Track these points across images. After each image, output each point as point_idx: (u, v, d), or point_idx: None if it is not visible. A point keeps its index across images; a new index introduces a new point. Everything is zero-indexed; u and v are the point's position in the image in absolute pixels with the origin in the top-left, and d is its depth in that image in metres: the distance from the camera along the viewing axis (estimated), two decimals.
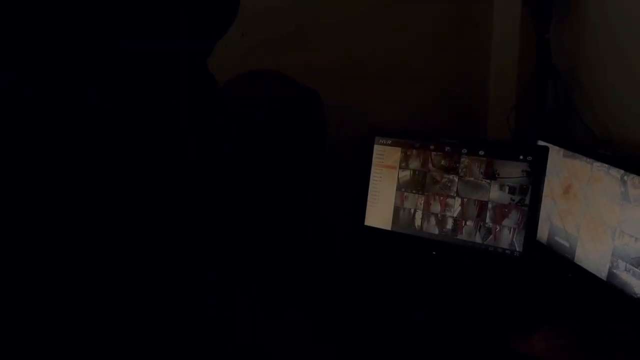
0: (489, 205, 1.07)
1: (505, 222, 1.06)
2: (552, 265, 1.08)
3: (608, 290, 0.96)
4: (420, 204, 1.13)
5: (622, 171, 0.95)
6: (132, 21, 0.52)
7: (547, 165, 1.03)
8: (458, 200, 1.10)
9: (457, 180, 1.10)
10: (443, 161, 1.11)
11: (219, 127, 0.63)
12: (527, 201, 1.04)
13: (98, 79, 0.51)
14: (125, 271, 0.54)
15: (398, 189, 1.15)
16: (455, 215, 1.10)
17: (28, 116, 0.50)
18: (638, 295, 0.90)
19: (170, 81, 0.55)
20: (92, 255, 0.52)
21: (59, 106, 0.50)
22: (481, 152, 1.08)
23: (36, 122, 0.50)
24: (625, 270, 0.93)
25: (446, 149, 1.11)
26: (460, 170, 1.10)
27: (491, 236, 1.07)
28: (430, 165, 1.13)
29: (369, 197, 1.17)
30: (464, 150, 1.10)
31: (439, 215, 1.12)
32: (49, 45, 0.50)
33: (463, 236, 1.10)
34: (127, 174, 0.53)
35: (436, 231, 1.12)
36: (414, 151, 1.14)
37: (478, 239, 1.08)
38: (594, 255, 1.00)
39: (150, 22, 0.52)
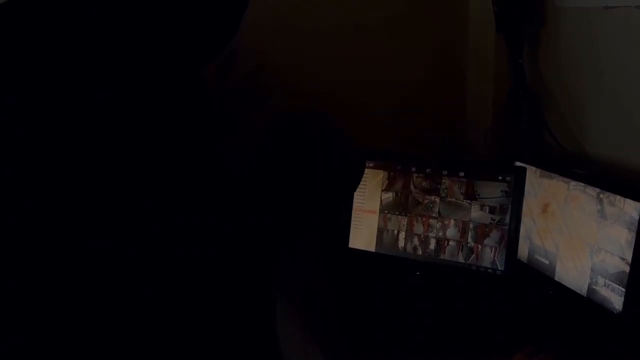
0: (471, 225, 1.09)
1: (487, 241, 1.08)
2: (533, 283, 1.10)
3: (588, 306, 0.98)
4: (404, 225, 1.15)
5: (597, 189, 0.98)
6: (132, 23, 0.53)
7: (525, 185, 1.06)
8: (440, 221, 1.12)
9: (438, 201, 1.12)
10: (424, 183, 1.14)
11: (217, 127, 0.64)
12: (507, 220, 1.06)
13: (99, 80, 0.52)
14: (125, 271, 0.54)
15: (381, 210, 1.17)
16: (437, 235, 1.12)
17: (33, 117, 0.51)
18: (618, 311, 0.93)
19: (170, 82, 0.56)
20: (93, 254, 0.52)
21: (63, 104, 0.51)
22: (461, 174, 1.11)
23: (38, 121, 0.51)
24: (605, 286, 0.95)
25: (427, 171, 1.13)
26: (441, 192, 1.12)
27: (473, 255, 1.09)
28: (412, 187, 1.14)
29: (352, 219, 1.19)
30: (445, 172, 1.12)
31: (422, 235, 1.13)
32: (51, 47, 0.51)
33: (446, 256, 1.11)
34: (127, 173, 0.53)
35: (419, 252, 1.13)
36: (396, 173, 1.16)
37: (461, 258, 1.10)
38: (573, 272, 1.02)
39: (149, 26, 0.54)
